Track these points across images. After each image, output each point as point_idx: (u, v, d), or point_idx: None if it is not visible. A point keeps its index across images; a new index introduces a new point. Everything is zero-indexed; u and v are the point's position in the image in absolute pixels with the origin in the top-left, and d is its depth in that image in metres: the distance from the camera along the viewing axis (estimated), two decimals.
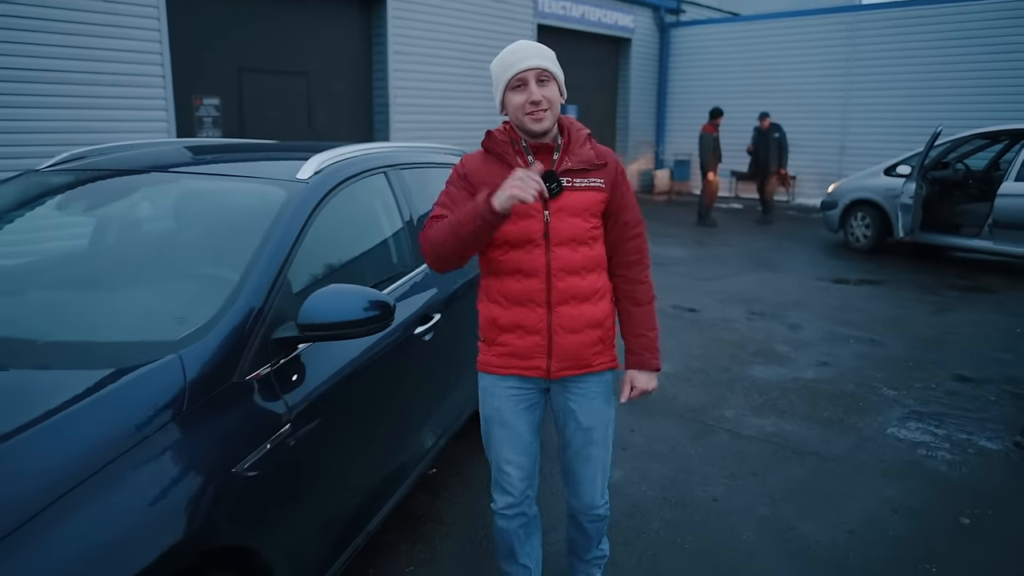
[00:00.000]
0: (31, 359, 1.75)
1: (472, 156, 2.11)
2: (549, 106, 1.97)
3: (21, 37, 7.17)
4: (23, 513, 1.29)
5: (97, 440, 1.47)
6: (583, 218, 2.03)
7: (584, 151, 2.04)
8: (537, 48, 2.00)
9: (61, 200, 2.52)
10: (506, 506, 2.19)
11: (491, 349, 2.13)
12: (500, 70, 2.00)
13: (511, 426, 2.13)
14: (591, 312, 2.06)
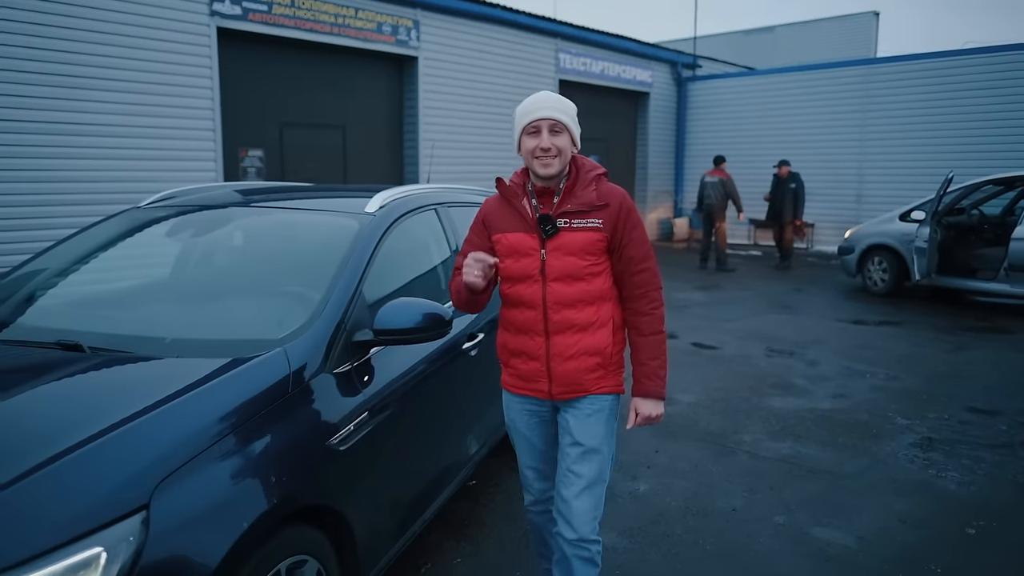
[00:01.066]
0: (166, 351, 2.12)
1: (491, 200, 2.34)
2: (558, 154, 2.14)
3: (86, 95, 7.81)
4: (191, 449, 1.69)
5: (233, 406, 1.84)
6: (579, 256, 2.17)
7: (586, 193, 2.18)
8: (556, 100, 2.19)
9: (169, 228, 2.94)
10: (531, 503, 2.47)
11: (505, 370, 2.37)
12: (520, 115, 2.21)
13: (525, 437, 2.38)
14: (588, 341, 2.19)
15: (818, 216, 15.02)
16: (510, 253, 2.22)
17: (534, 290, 2.19)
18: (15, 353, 2.16)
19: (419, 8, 11.12)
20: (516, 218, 2.22)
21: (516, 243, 2.21)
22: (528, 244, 2.19)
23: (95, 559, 1.44)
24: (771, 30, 27.91)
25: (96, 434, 1.65)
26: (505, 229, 2.23)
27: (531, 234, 2.19)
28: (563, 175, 2.20)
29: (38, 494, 1.50)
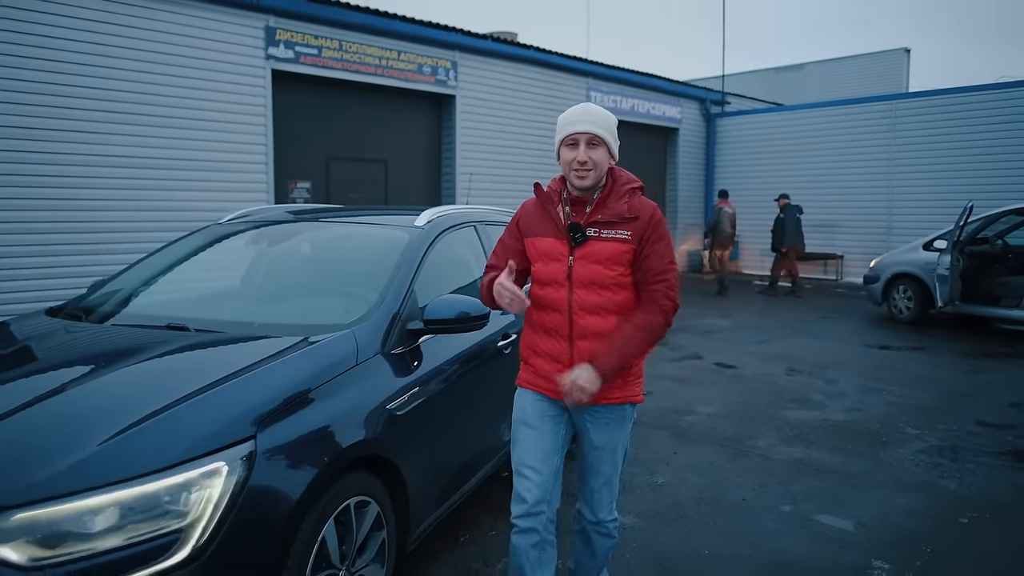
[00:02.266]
0: (256, 332, 2.58)
1: (528, 204, 2.44)
2: (594, 167, 2.21)
3: (154, 132, 8.54)
4: (288, 397, 2.14)
5: (315, 370, 2.30)
6: (606, 266, 2.22)
7: (618, 205, 2.24)
8: (596, 114, 2.24)
9: (248, 239, 3.45)
10: (520, 515, 2.29)
11: (525, 368, 2.41)
12: (561, 126, 2.27)
13: (536, 427, 2.33)
14: None
15: (847, 248, 15.21)
16: (540, 257, 2.31)
17: (561, 295, 2.26)
18: (135, 332, 2.65)
19: (457, 50, 11.81)
20: (549, 224, 2.30)
21: (546, 248, 2.29)
22: (558, 250, 2.27)
23: (219, 470, 1.87)
24: (801, 67, 28.28)
25: (213, 383, 2.11)
26: (537, 233, 2.33)
27: (561, 240, 2.27)
28: (598, 186, 2.27)
29: (181, 420, 1.96)
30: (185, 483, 1.83)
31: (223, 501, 1.86)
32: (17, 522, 1.71)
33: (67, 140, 7.95)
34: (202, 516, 1.83)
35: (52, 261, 7.86)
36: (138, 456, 1.84)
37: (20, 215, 7.67)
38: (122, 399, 2.08)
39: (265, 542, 1.95)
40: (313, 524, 2.10)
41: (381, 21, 10.66)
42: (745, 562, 3.11)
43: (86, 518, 1.74)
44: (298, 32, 9.85)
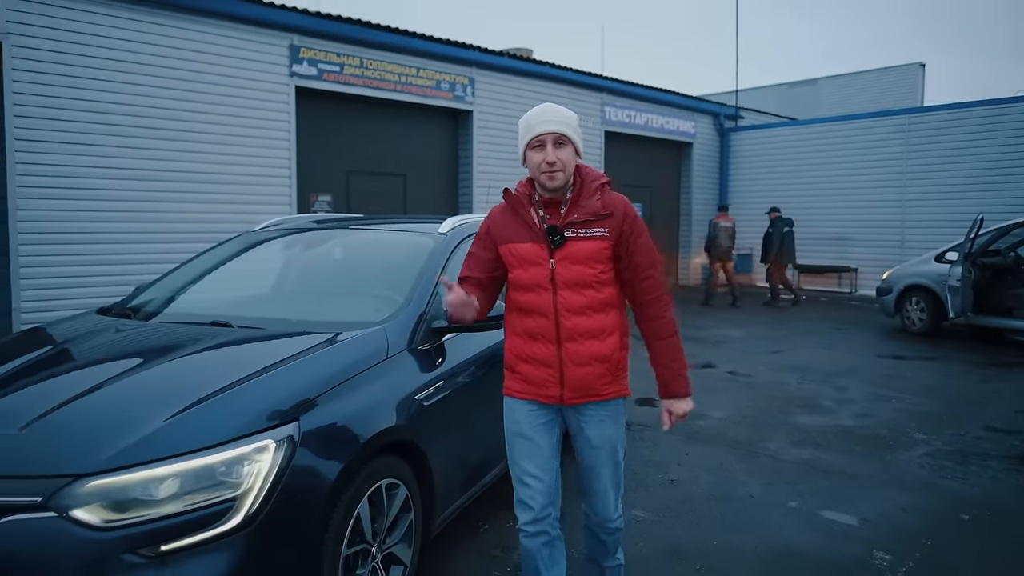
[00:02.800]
0: (294, 328, 2.79)
1: (496, 210, 2.40)
2: (563, 167, 2.21)
3: (183, 147, 8.86)
4: (326, 385, 2.33)
5: (347, 362, 2.49)
6: (587, 264, 2.23)
7: (591, 203, 2.25)
8: (558, 113, 2.24)
9: (282, 245, 3.67)
10: (528, 521, 2.33)
11: (513, 376, 2.38)
12: (524, 130, 2.26)
13: (531, 438, 2.33)
14: (598, 348, 2.26)
15: (861, 261, 15.28)
16: (519, 263, 2.28)
17: (545, 299, 2.25)
18: (182, 328, 2.87)
19: (474, 67, 12.09)
20: (524, 229, 2.27)
21: (525, 253, 2.26)
22: (537, 254, 2.25)
23: (267, 447, 2.08)
24: (815, 82, 28.39)
25: (259, 371, 2.32)
26: (513, 240, 2.29)
27: (540, 244, 2.25)
28: (568, 185, 2.27)
29: (233, 402, 2.17)
30: (238, 457, 2.04)
31: (271, 475, 2.06)
32: (91, 488, 1.92)
33: (104, 154, 8.28)
34: (253, 487, 2.03)
35: (89, 270, 8.16)
36: (197, 432, 2.05)
37: (60, 225, 7.99)
38: (179, 384, 2.29)
39: (307, 514, 2.15)
40: (349, 501, 2.29)
41: (401, 39, 10.97)
42: (751, 552, 3.26)
43: (151, 486, 1.95)
44: (321, 50, 10.17)
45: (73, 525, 1.87)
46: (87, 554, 1.86)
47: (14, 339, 3.00)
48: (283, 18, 9.68)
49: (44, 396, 2.24)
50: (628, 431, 5.05)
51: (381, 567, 2.49)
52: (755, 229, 16.66)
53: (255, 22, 9.46)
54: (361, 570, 2.39)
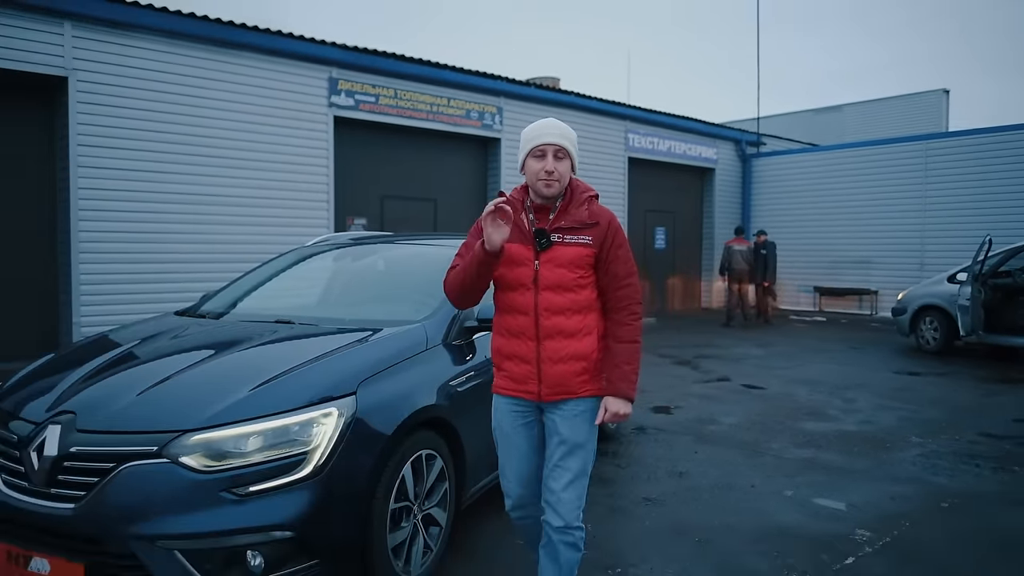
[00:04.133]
0: (347, 325, 3.29)
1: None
2: (559, 178, 2.36)
3: (230, 173, 9.54)
4: (377, 368, 2.80)
5: (392, 351, 2.97)
6: (569, 268, 2.36)
7: (579, 212, 2.39)
8: (561, 128, 2.40)
9: (332, 257, 4.20)
10: (510, 508, 2.58)
11: (499, 374, 2.52)
12: (527, 138, 2.40)
13: (509, 437, 2.51)
14: (575, 347, 2.38)
15: (882, 284, 15.49)
16: (506, 262, 2.38)
17: (527, 298, 2.37)
18: (251, 325, 3.38)
19: (502, 96, 12.71)
20: (514, 230, 2.36)
21: (512, 253, 2.37)
22: (523, 255, 2.37)
23: (332, 413, 2.56)
24: (839, 109, 28.67)
25: (322, 355, 2.82)
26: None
27: (527, 246, 2.38)
28: (560, 195, 2.42)
29: (304, 378, 2.66)
30: (309, 420, 2.52)
31: (335, 436, 2.54)
32: (195, 441, 2.41)
33: (158, 180, 8.98)
34: (320, 445, 2.51)
35: (142, 288, 8.82)
36: (276, 400, 2.54)
37: (116, 245, 8.68)
38: (258, 364, 2.80)
39: (362, 471, 2.62)
40: (395, 464, 2.76)
41: (432, 71, 11.63)
42: (747, 529, 3.65)
43: (240, 441, 2.43)
44: (358, 82, 10.85)
45: (181, 469, 2.36)
46: (192, 491, 2.35)
47: (113, 332, 3.53)
48: (323, 52, 10.38)
49: (152, 372, 2.76)
50: (643, 434, 5.51)
51: (421, 525, 2.94)
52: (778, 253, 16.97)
53: (298, 56, 10.17)
54: (405, 524, 2.84)
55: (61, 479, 2.42)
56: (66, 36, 8.32)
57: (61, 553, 2.37)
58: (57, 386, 2.76)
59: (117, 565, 2.34)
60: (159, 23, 8.89)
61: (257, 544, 2.36)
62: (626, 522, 3.75)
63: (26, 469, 2.49)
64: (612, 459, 4.89)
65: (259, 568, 2.37)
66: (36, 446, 2.48)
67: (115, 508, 2.33)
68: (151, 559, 2.29)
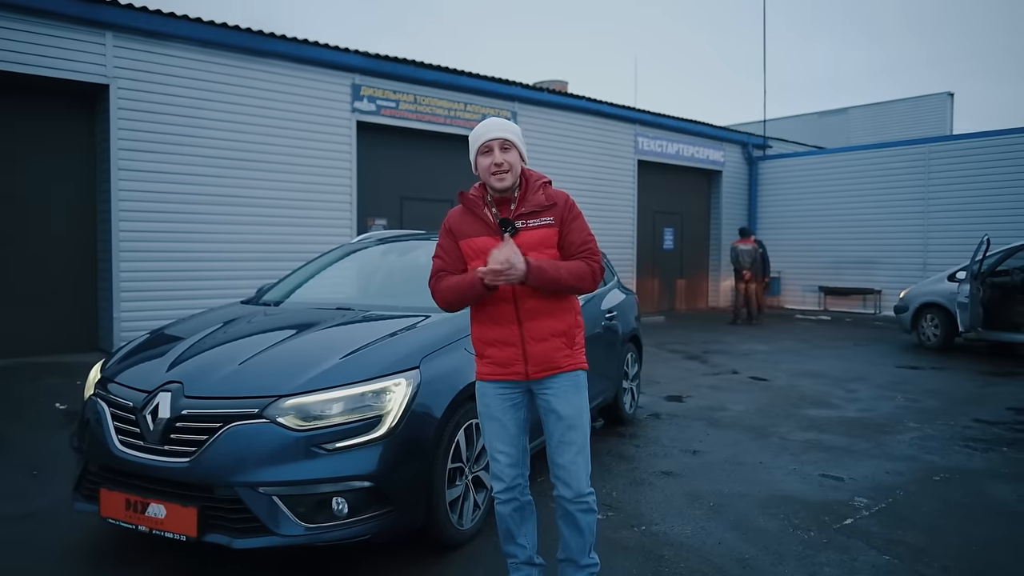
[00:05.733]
0: (403, 311, 3.72)
1: (454, 211, 2.66)
2: (509, 168, 2.46)
3: (258, 175, 9.99)
4: (434, 347, 3.23)
5: (443, 333, 3.40)
6: (539, 250, 2.46)
7: (536, 197, 2.51)
8: (502, 124, 2.52)
9: (379, 252, 4.65)
10: (500, 491, 2.62)
11: (481, 361, 2.61)
12: (473, 139, 2.53)
13: (498, 419, 2.58)
14: (555, 325, 2.52)
15: (885, 283, 15.87)
16: (478, 255, 2.50)
17: (504, 285, 2.44)
18: (315, 311, 3.82)
19: (516, 101, 13.15)
20: (480, 224, 2.53)
21: (482, 246, 2.49)
22: (493, 245, 2.45)
23: (400, 383, 2.99)
24: (845, 111, 29.03)
25: (386, 336, 3.26)
26: (471, 235, 2.54)
27: (494, 237, 2.49)
28: (515, 186, 2.53)
29: (375, 354, 3.09)
30: (382, 389, 2.95)
31: (403, 402, 2.97)
32: (289, 405, 2.84)
33: (193, 183, 9.44)
34: (392, 410, 2.94)
35: (178, 285, 9.28)
36: (354, 371, 2.97)
37: (154, 245, 9.13)
38: (334, 342, 3.24)
39: (425, 433, 3.04)
40: (451, 430, 3.18)
41: (450, 77, 12.07)
42: (754, 496, 4.07)
43: (325, 405, 2.86)
44: (379, 88, 11.30)
45: (278, 428, 2.79)
46: (287, 446, 2.77)
47: (195, 317, 3.96)
48: (347, 60, 10.83)
49: (244, 347, 3.19)
50: (658, 419, 5.92)
51: (472, 485, 3.37)
52: (783, 253, 17.39)
53: (323, 64, 10.62)
54: (459, 482, 3.27)
55: (174, 438, 2.85)
56: (108, 46, 8.79)
57: (175, 500, 2.79)
58: (159, 361, 3.20)
59: (225, 508, 2.76)
60: (193, 33, 9.36)
61: (342, 492, 2.79)
62: (646, 491, 4.17)
63: (142, 430, 2.92)
64: (630, 440, 5.30)
65: (343, 512, 2.80)
66: (150, 411, 2.91)
67: (223, 461, 2.76)
68: (254, 503, 2.72)
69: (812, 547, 3.37)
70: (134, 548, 3.27)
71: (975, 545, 3.42)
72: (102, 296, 9.25)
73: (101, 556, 3.21)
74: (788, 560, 3.22)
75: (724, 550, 3.33)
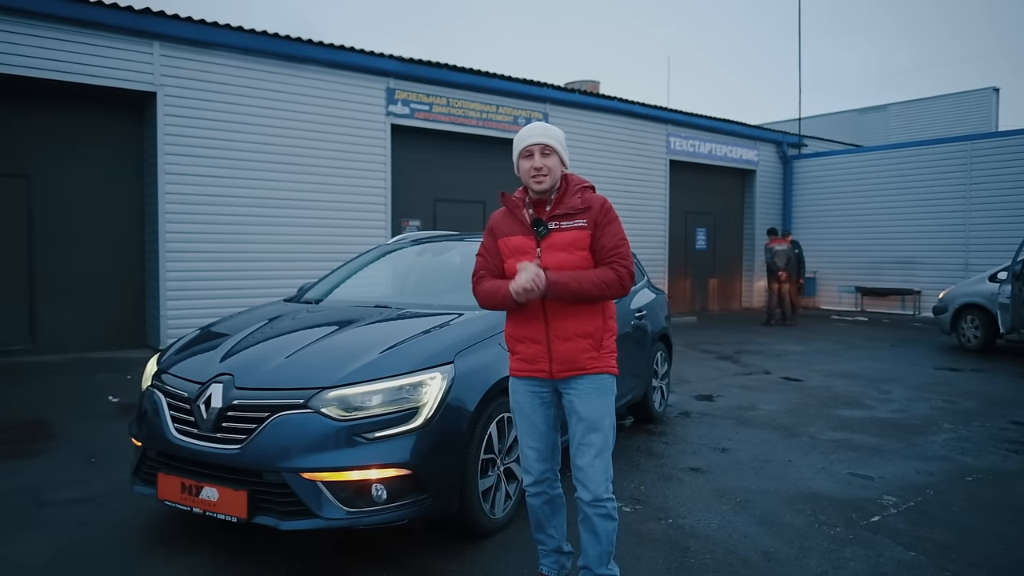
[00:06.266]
0: (437, 309, 3.87)
1: (497, 212, 2.81)
2: (548, 172, 2.57)
3: (297, 178, 10.27)
4: (468, 343, 3.37)
5: (476, 330, 3.53)
6: (569, 251, 2.55)
7: (572, 200, 2.59)
8: (545, 128, 2.62)
9: (414, 252, 4.82)
10: (529, 483, 2.72)
11: (513, 358, 2.70)
12: (516, 143, 2.66)
13: (528, 416, 2.68)
14: (581, 325, 2.57)
15: (925, 284, 15.62)
16: (512, 253, 2.64)
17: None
18: (354, 308, 3.99)
19: (548, 103, 13.26)
20: (516, 224, 2.66)
21: (517, 244, 2.63)
22: (526, 244, 2.61)
23: (436, 377, 3.13)
24: (884, 108, 28.51)
25: (422, 332, 3.41)
26: (508, 234, 2.67)
27: (528, 236, 2.62)
28: (554, 189, 2.62)
29: (412, 349, 3.25)
30: (419, 382, 3.10)
31: (438, 395, 3.12)
32: (331, 396, 3.00)
33: (236, 185, 9.76)
34: (428, 402, 3.08)
35: (222, 284, 9.61)
36: (392, 366, 3.13)
37: (198, 245, 9.46)
38: (374, 338, 3.40)
39: (459, 425, 3.18)
40: (484, 423, 3.32)
41: (482, 80, 12.24)
42: (782, 493, 4.13)
43: (365, 397, 3.02)
44: (413, 92, 11.52)
45: (322, 417, 2.96)
46: (330, 435, 2.94)
47: (242, 314, 4.17)
48: (381, 64, 11.07)
49: (290, 342, 3.38)
50: (687, 418, 5.99)
51: (503, 476, 3.50)
52: (819, 253, 17.22)
53: (358, 69, 10.87)
54: (491, 473, 3.40)
55: (225, 426, 3.04)
56: (155, 55, 9.14)
57: (227, 483, 2.98)
58: (211, 354, 3.39)
59: (273, 492, 2.94)
60: (235, 41, 9.67)
61: (382, 479, 2.95)
62: (674, 486, 4.26)
63: (196, 419, 3.11)
64: (660, 438, 5.39)
65: (382, 498, 2.96)
66: (204, 400, 3.11)
67: (270, 448, 2.93)
68: (300, 487, 2.89)
69: (837, 542, 3.43)
70: (188, 528, 3.47)
71: (1003, 543, 3.45)
72: (150, 295, 9.62)
73: (160, 535, 3.42)
74: (813, 554, 3.29)
75: (749, 543, 3.41)
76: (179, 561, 3.15)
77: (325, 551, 3.27)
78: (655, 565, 3.17)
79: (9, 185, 8.79)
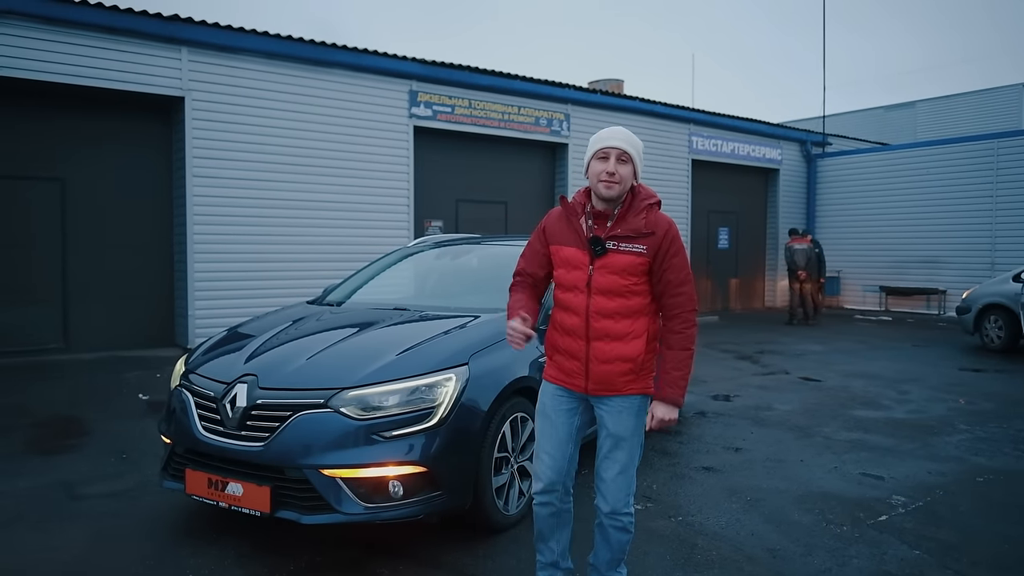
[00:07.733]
0: (454, 312, 3.99)
1: (553, 212, 2.70)
2: (620, 180, 2.45)
3: (322, 180, 10.47)
4: (483, 345, 3.48)
5: (491, 332, 3.65)
6: (621, 276, 2.46)
7: (636, 220, 2.48)
8: (626, 135, 2.51)
9: (433, 255, 4.96)
10: (538, 491, 2.65)
11: (550, 363, 2.69)
12: (593, 141, 2.53)
13: (551, 420, 2.64)
14: (622, 349, 2.49)
15: (950, 283, 15.44)
16: (563, 264, 2.58)
17: (580, 300, 2.51)
18: (374, 311, 4.13)
19: (569, 104, 13.34)
20: (572, 234, 2.56)
21: (569, 256, 2.55)
22: (579, 259, 2.52)
23: (451, 378, 3.26)
24: (912, 105, 28.13)
25: (439, 334, 3.54)
26: (561, 242, 2.59)
27: (583, 251, 2.52)
28: (620, 201, 2.52)
29: (428, 350, 3.38)
30: (435, 383, 3.23)
31: (453, 395, 3.24)
32: (350, 396, 3.14)
33: (263, 188, 9.98)
34: (443, 402, 3.21)
35: (249, 284, 9.84)
36: (409, 367, 3.26)
37: (226, 247, 9.70)
38: (392, 340, 3.53)
39: (474, 424, 3.30)
40: (498, 422, 3.44)
41: (504, 81, 12.35)
42: (791, 492, 4.20)
43: (383, 397, 3.16)
44: (435, 94, 11.66)
45: (341, 416, 3.10)
46: (349, 434, 3.08)
47: (266, 316, 4.34)
48: (404, 67, 11.23)
49: (312, 344, 3.53)
50: (703, 417, 6.06)
51: (517, 474, 3.62)
52: (843, 253, 17.11)
53: (381, 72, 11.05)
54: (504, 471, 3.52)
55: (250, 424, 3.19)
56: (183, 60, 9.38)
57: (251, 479, 3.13)
58: (236, 355, 3.55)
59: (294, 488, 3.09)
60: (261, 46, 9.89)
61: (398, 476, 3.08)
62: (686, 485, 4.34)
63: (222, 418, 3.27)
64: (675, 437, 5.46)
65: (398, 494, 3.09)
66: (229, 400, 3.26)
67: (292, 445, 3.08)
68: (320, 483, 3.03)
69: (843, 540, 3.49)
70: (215, 521, 3.64)
71: (1008, 543, 3.49)
72: (178, 295, 9.88)
73: (187, 528, 3.59)
74: (818, 552, 3.36)
75: (756, 541, 3.49)
76: (206, 552, 3.31)
77: (344, 544, 3.41)
78: (662, 561, 3.27)
79: (43, 188, 9.09)
